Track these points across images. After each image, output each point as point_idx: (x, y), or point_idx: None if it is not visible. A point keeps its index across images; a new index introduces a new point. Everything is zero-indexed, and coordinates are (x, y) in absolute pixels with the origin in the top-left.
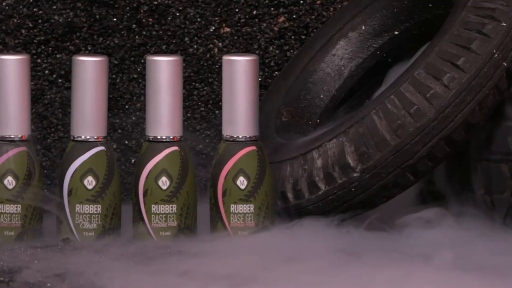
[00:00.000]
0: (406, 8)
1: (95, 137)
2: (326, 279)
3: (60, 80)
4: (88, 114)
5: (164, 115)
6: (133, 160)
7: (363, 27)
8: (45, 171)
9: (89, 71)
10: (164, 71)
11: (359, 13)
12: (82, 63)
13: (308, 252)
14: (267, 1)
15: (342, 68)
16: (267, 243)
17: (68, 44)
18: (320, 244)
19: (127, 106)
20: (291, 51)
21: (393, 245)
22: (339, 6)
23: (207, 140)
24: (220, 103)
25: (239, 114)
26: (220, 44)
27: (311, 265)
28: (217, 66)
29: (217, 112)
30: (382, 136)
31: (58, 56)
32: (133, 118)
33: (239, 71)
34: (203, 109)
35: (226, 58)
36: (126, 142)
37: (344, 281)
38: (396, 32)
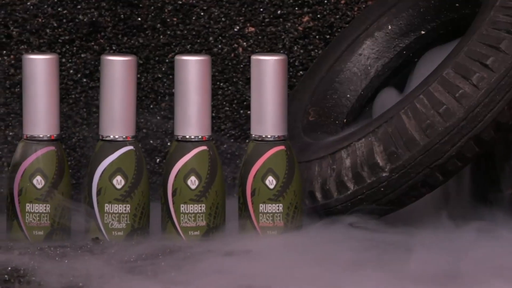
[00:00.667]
0: (432, 7)
1: (124, 136)
2: (354, 280)
3: (84, 80)
4: (117, 114)
5: (192, 114)
6: (157, 160)
7: (390, 27)
8: (70, 170)
9: (118, 70)
10: (193, 70)
11: (386, 12)
12: (111, 62)
13: (336, 253)
14: (291, 1)
15: (369, 68)
16: (296, 243)
17: (92, 43)
18: (347, 244)
19: (151, 106)
20: (316, 50)
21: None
22: (364, 6)
23: (232, 140)
24: (244, 103)
25: (267, 114)
26: (244, 43)
27: (338, 266)
28: (241, 65)
29: (242, 111)
30: (411, 136)
31: (82, 55)
32: (158, 117)
33: (267, 70)
34: (227, 108)
35: (254, 57)
36: (151, 141)
37: (370, 282)
38: (423, 32)
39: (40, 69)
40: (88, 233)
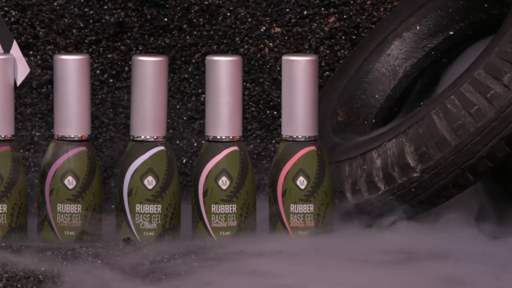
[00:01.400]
0: (461, 8)
1: (155, 137)
2: (384, 282)
3: (111, 80)
4: (148, 114)
5: (224, 115)
6: (184, 160)
7: (418, 27)
8: None
9: (149, 71)
10: (224, 71)
11: (414, 13)
12: (142, 63)
13: (367, 253)
14: (317, 1)
15: (397, 68)
16: (327, 243)
17: (119, 44)
18: (378, 245)
19: (178, 106)
20: (342, 51)
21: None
22: (390, 6)
23: (258, 140)
24: (271, 103)
25: (298, 114)
26: (270, 44)
27: (369, 267)
28: (267, 66)
29: (268, 112)
30: (442, 136)
31: (109, 56)
32: (184, 118)
33: (299, 71)
34: (254, 109)
35: (285, 58)
36: (178, 142)
37: (400, 282)
38: (451, 32)
39: (71, 69)
40: (119, 233)
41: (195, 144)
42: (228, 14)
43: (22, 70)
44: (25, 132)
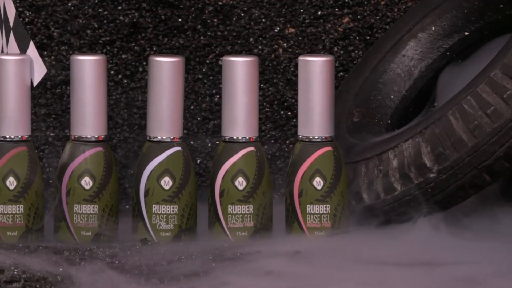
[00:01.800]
0: (476, 8)
1: (171, 137)
2: (400, 283)
3: (125, 81)
4: (164, 115)
5: (240, 115)
6: (198, 161)
7: (433, 28)
8: None
9: (166, 71)
10: (240, 71)
11: (429, 13)
12: (159, 63)
13: (385, 255)
14: (331, 2)
15: (412, 69)
16: (344, 244)
17: (133, 44)
18: (394, 246)
19: (192, 107)
20: (356, 51)
21: None
22: (404, 7)
23: (272, 141)
24: (285, 104)
25: (315, 115)
26: (284, 44)
27: (386, 268)
28: (281, 66)
29: (282, 112)
30: (459, 137)
31: (123, 56)
32: (198, 118)
33: (315, 71)
34: (268, 109)
35: (302, 58)
36: (192, 142)
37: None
38: (466, 33)
39: (88, 69)
40: (136, 234)
41: (209, 145)
42: (242, 14)
43: (39, 71)
44: (40, 132)
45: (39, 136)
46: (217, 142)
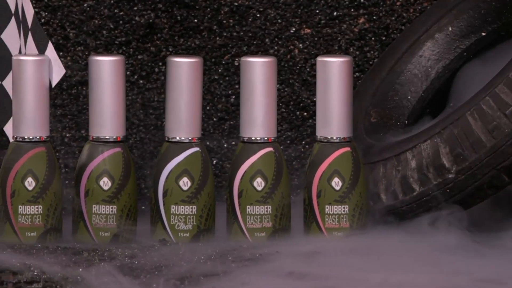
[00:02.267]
0: (493, 9)
1: (190, 138)
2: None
3: (141, 81)
4: (183, 115)
5: (259, 116)
6: (214, 161)
7: (450, 28)
8: None
9: (184, 72)
10: (259, 72)
11: (446, 14)
12: (177, 64)
13: (403, 254)
14: (347, 2)
15: (429, 69)
16: (362, 244)
17: (149, 45)
18: (414, 245)
19: (208, 108)
20: (372, 52)
21: None
22: (419, 7)
23: (288, 141)
24: (301, 104)
25: (333, 115)
26: (300, 45)
27: (408, 267)
28: (297, 67)
29: (298, 113)
30: (478, 137)
31: (139, 57)
32: (214, 119)
33: (333, 72)
34: (284, 110)
35: (320, 59)
36: (208, 143)
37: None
38: (483, 33)
39: (106, 70)
40: (154, 234)
41: (225, 145)
42: (258, 15)
43: (58, 71)
44: (56, 133)
45: (55, 137)
46: (233, 143)
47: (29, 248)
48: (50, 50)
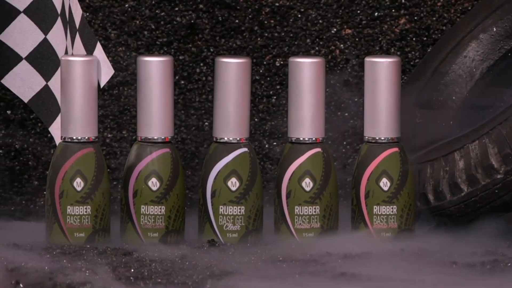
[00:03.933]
0: None
1: (238, 138)
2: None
3: (182, 82)
4: (231, 116)
5: (307, 116)
6: None
7: (495, 29)
8: None
9: (232, 72)
10: (307, 72)
11: (490, 15)
12: (226, 64)
13: (452, 255)
14: (388, 3)
15: (474, 70)
16: (412, 245)
17: (190, 45)
18: (461, 247)
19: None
20: (413, 52)
21: None
22: (460, 8)
23: (330, 142)
24: (342, 105)
25: (381, 116)
26: (341, 45)
27: (459, 269)
28: (338, 67)
29: (339, 113)
30: None
31: (180, 57)
32: (256, 119)
33: (381, 72)
34: (325, 111)
35: (368, 59)
36: None
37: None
38: None
39: (155, 71)
40: (202, 235)
41: (266, 146)
42: (299, 15)
43: (106, 72)
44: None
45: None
46: (274, 143)
47: (78, 249)
48: (99, 51)
